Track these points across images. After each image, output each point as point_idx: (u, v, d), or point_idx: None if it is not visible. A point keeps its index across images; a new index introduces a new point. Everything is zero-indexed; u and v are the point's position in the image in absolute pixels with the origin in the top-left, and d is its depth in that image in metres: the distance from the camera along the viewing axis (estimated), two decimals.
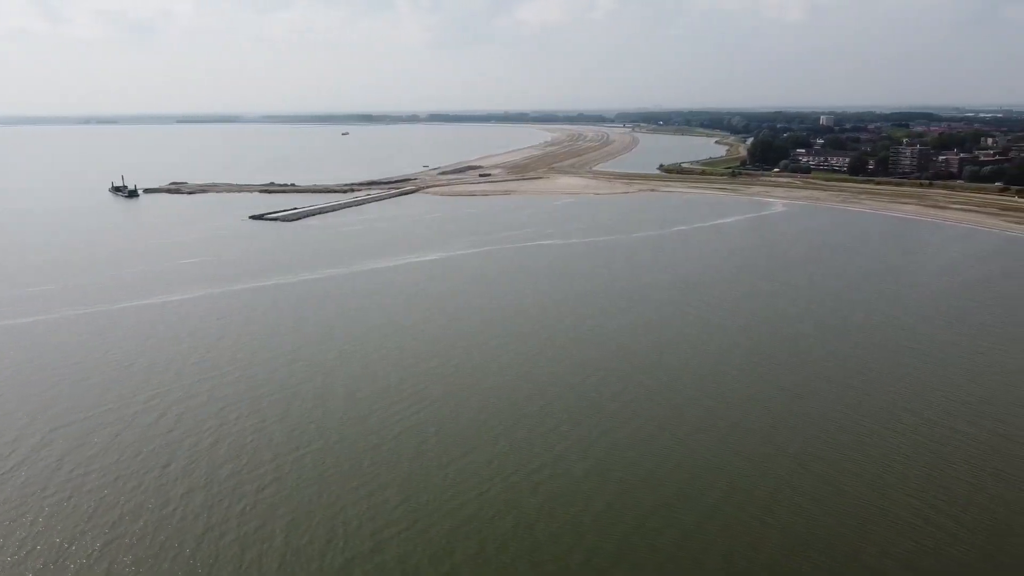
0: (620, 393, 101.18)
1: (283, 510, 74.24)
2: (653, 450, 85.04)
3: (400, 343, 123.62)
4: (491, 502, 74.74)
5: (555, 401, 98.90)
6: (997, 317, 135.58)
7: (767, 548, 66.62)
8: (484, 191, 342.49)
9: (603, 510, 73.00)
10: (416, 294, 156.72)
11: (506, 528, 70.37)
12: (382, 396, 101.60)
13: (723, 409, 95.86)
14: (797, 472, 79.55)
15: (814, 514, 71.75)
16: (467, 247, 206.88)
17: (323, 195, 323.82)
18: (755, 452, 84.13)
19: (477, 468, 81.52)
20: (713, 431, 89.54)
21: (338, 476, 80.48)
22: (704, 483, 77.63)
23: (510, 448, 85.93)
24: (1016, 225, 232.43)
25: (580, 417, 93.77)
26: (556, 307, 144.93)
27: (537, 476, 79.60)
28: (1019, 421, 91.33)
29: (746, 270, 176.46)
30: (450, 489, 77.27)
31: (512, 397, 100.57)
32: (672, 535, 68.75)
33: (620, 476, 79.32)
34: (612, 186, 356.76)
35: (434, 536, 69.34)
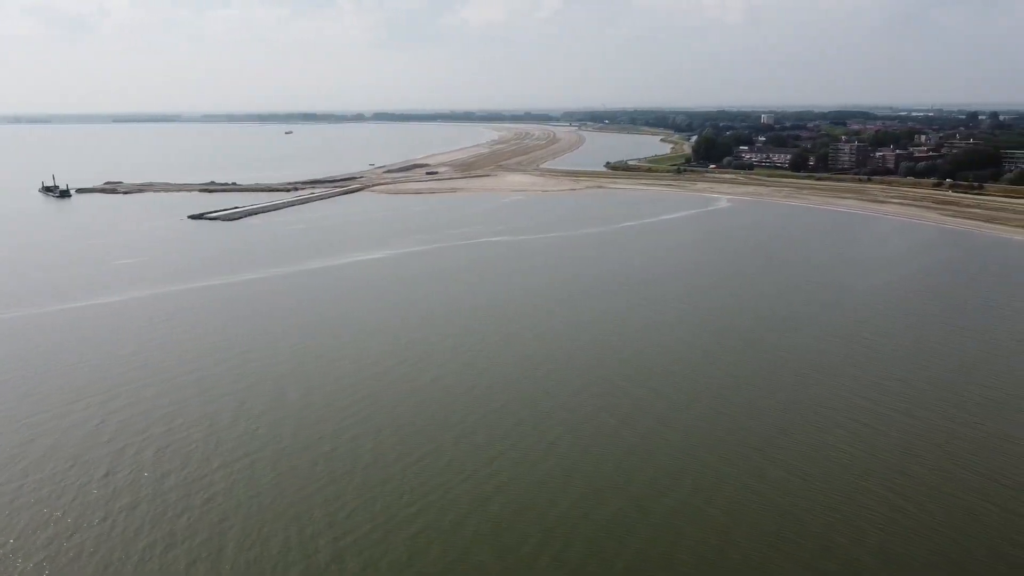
0: (580, 390, 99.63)
1: (234, 520, 70.48)
2: (618, 446, 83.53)
3: (352, 342, 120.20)
4: (454, 505, 72.15)
5: (515, 399, 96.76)
6: (941, 307, 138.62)
7: (739, 542, 65.57)
8: (431, 189, 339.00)
9: (570, 509, 71.10)
10: (365, 292, 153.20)
11: (471, 531, 67.95)
12: (337, 397, 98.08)
13: (684, 403, 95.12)
14: (763, 465, 78.99)
15: (783, 506, 71.06)
16: (416, 245, 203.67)
17: (265, 194, 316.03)
18: (720, 446, 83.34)
19: (439, 470, 78.79)
20: (676, 425, 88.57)
21: (293, 483, 76.87)
22: (671, 478, 76.37)
23: (472, 448, 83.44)
24: (951, 218, 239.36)
25: (542, 415, 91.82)
26: (509, 303, 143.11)
27: (501, 477, 77.31)
28: (971, 407, 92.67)
29: (696, 264, 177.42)
30: (411, 493, 74.41)
31: (471, 396, 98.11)
32: (642, 532, 67.26)
33: (586, 474, 77.56)
34: (560, 183, 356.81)
35: (396, 542, 66.49)
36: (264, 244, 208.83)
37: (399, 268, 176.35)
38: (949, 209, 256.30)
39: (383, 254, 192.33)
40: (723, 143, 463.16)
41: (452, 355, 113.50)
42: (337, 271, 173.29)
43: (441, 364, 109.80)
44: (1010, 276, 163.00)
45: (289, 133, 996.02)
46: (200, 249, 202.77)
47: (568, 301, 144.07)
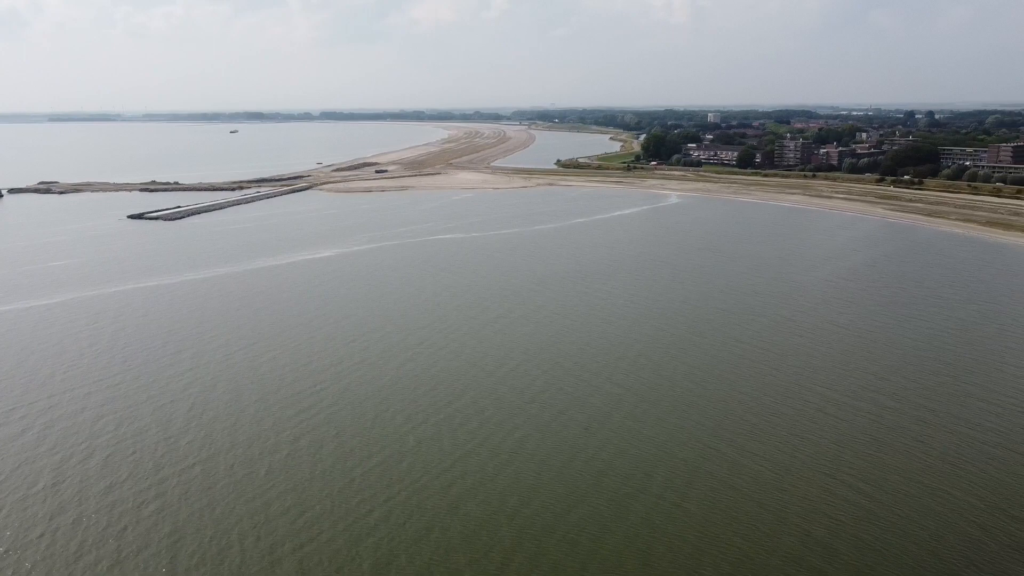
0: (527, 386, 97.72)
1: (167, 527, 66.65)
2: (565, 442, 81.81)
3: (294, 342, 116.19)
4: (400, 506, 69.44)
5: (461, 397, 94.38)
6: (886, 297, 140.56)
7: (687, 537, 64.34)
8: (381, 187, 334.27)
9: (518, 507, 69.04)
10: (311, 291, 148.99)
11: (416, 532, 65.32)
12: (275, 398, 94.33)
13: (630, 397, 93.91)
14: (710, 458, 78.08)
15: (731, 500, 70.09)
16: (365, 243, 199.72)
17: (210, 193, 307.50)
18: (666, 440, 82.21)
19: (383, 470, 75.99)
20: (622, 420, 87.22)
21: (229, 487, 73.30)
22: (619, 475, 74.82)
23: (416, 447, 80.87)
24: (894, 212, 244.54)
25: (487, 412, 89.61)
26: (457, 300, 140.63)
27: (447, 476, 74.95)
28: (915, 397, 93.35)
29: (650, 259, 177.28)
30: (354, 495, 71.51)
31: (415, 394, 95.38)
32: (591, 530, 65.37)
33: (534, 471, 75.61)
34: (511, 181, 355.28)
35: (338, 546, 63.59)
36: (208, 243, 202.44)
37: (349, 266, 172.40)
38: (892, 204, 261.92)
39: (333, 252, 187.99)
40: (672, 141, 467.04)
41: (410, 354, 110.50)
42: (285, 270, 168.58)
43: (400, 364, 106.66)
44: (952, 267, 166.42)
45: (234, 132, 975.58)
46: (140, 249, 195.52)
47: (526, 297, 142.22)
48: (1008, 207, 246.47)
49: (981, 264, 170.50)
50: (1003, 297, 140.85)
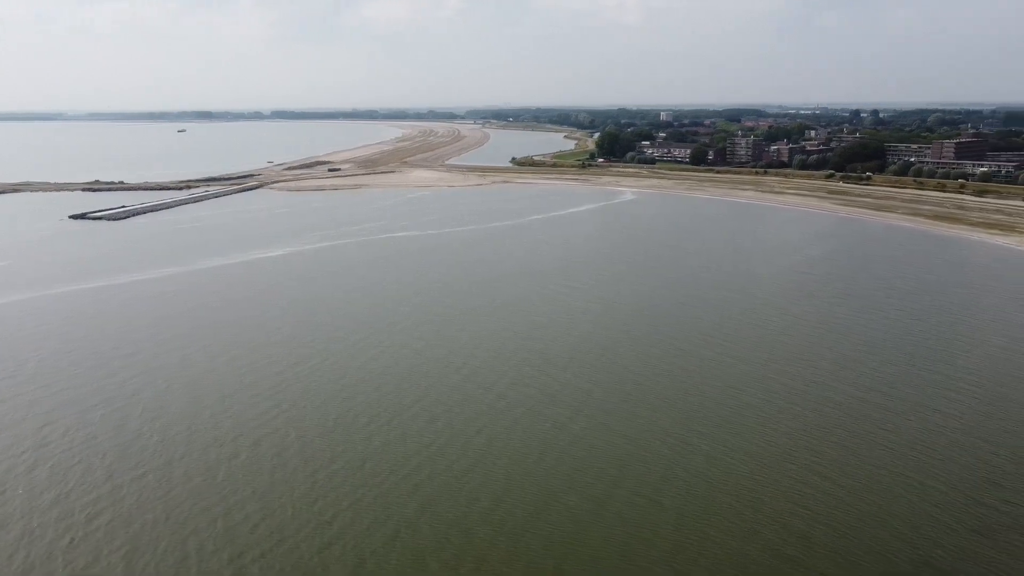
0: (494, 384, 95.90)
1: (122, 538, 63.12)
2: (535, 440, 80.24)
3: (251, 343, 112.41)
4: (367, 509, 67.02)
5: (426, 396, 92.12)
6: (843, 290, 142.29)
7: (665, 532, 63.44)
8: (334, 185, 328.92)
9: (491, 508, 67.27)
10: (266, 291, 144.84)
11: (385, 536, 63.01)
12: (233, 400, 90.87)
13: (600, 392, 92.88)
14: (683, 452, 77.38)
15: (707, 493, 69.45)
16: (319, 241, 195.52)
17: (156, 192, 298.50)
18: (638, 434, 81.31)
19: (348, 473, 73.44)
20: (592, 416, 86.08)
21: (187, 494, 69.96)
22: (592, 471, 73.54)
23: (383, 448, 78.44)
24: (843, 207, 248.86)
25: (455, 411, 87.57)
26: (417, 298, 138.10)
27: (415, 477, 72.70)
28: (878, 386, 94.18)
29: (605, 255, 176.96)
30: (319, 499, 68.81)
31: (378, 394, 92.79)
32: (566, 528, 63.98)
33: (504, 470, 73.86)
34: (466, 178, 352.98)
35: (303, 554, 60.86)
36: (156, 243, 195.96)
37: (304, 265, 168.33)
38: (841, 198, 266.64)
39: (286, 251, 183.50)
40: (626, 139, 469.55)
41: (372, 354, 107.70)
42: (234, 269, 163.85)
43: (362, 364, 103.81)
44: (903, 260, 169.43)
45: (182, 131, 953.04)
46: (82, 249, 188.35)
47: (487, 295, 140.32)
48: (952, 201, 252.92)
49: (930, 256, 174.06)
50: (953, 288, 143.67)
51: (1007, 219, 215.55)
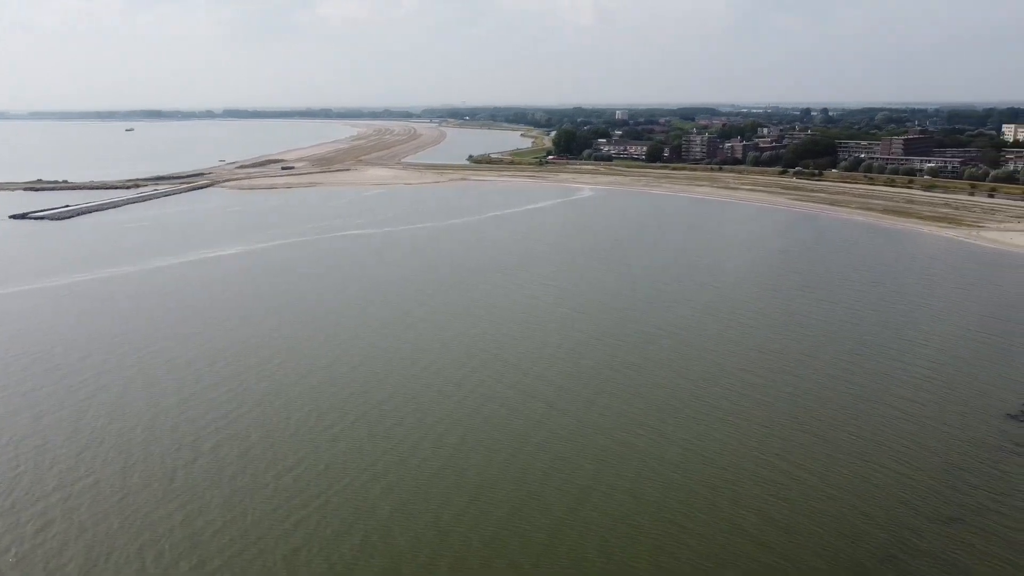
0: (461, 382, 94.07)
1: (74, 550, 59.77)
2: (507, 438, 78.67)
3: (207, 344, 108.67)
4: (335, 512, 64.65)
5: (395, 395, 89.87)
6: (800, 282, 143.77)
7: (644, 527, 62.45)
8: (288, 183, 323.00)
9: (464, 507, 65.51)
10: (218, 291, 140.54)
11: (356, 540, 60.80)
12: (192, 403, 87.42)
13: (571, 387, 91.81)
14: (659, 444, 76.62)
15: (685, 484, 68.81)
16: (271, 239, 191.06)
17: (102, 192, 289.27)
18: (612, 428, 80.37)
19: (315, 475, 70.90)
20: (564, 412, 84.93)
21: (146, 501, 66.71)
22: (568, 467, 72.29)
23: (351, 449, 76.04)
24: (798, 201, 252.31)
25: (423, 411, 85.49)
26: (379, 296, 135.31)
27: (386, 478, 70.41)
28: (838, 375, 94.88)
29: (565, 251, 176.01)
30: (285, 503, 66.12)
31: (345, 394, 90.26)
32: (545, 526, 62.58)
33: (477, 469, 72.15)
34: (423, 176, 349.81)
35: (269, 561, 58.24)
36: (101, 243, 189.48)
37: (257, 264, 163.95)
38: (796, 194, 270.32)
39: (238, 250, 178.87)
40: (582, 136, 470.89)
41: (323, 353, 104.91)
42: (185, 269, 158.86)
43: (325, 364, 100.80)
44: (857, 252, 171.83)
45: (130, 131, 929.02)
46: (21, 250, 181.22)
47: (448, 293, 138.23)
48: (902, 196, 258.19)
49: (883, 248, 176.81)
50: (906, 278, 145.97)
51: (954, 212, 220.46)
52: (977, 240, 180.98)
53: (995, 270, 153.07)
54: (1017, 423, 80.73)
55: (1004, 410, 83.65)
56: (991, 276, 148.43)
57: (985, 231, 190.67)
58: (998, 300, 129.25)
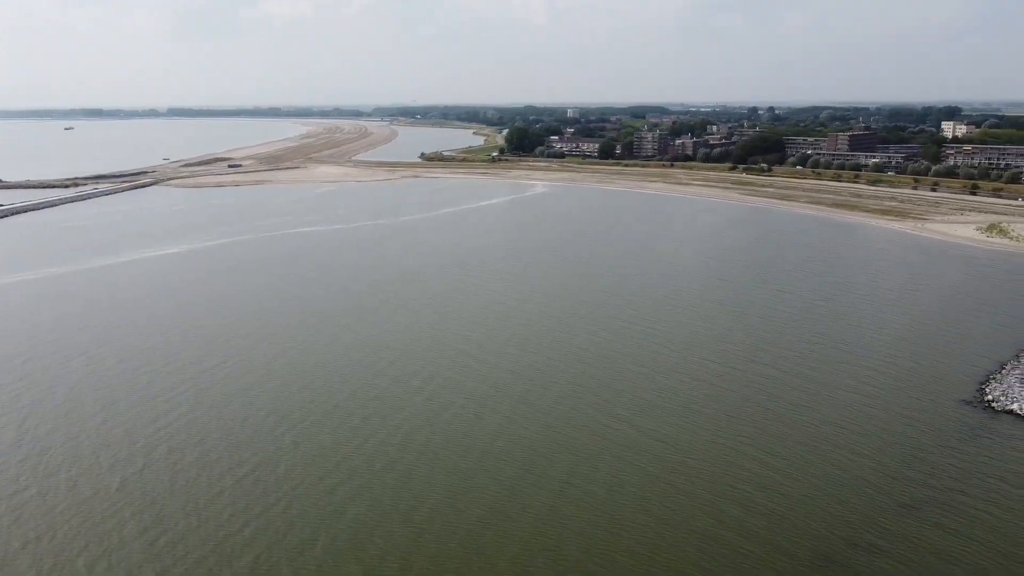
0: (410, 377, 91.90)
1: (21, 565, 56.20)
2: (456, 434, 76.79)
3: (140, 345, 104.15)
4: (301, 517, 61.89)
5: (338, 392, 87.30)
6: (756, 274, 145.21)
7: (625, 520, 61.30)
8: (235, 181, 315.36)
9: (412, 506, 63.35)
10: (160, 290, 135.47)
11: (324, 546, 58.25)
12: (123, 405, 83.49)
13: (519, 383, 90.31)
14: (611, 439, 75.54)
15: (638, 481, 67.54)
16: (219, 238, 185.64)
17: (38, 191, 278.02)
18: (563, 424, 79.05)
19: (278, 479, 68.06)
20: (513, 407, 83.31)
21: (97, 511, 63.10)
22: (518, 464, 70.48)
23: (294, 450, 73.24)
24: (749, 196, 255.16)
25: (369, 407, 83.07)
26: (325, 293, 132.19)
27: (353, 480, 67.89)
28: (796, 366, 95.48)
29: (520, 246, 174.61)
30: (247, 509, 63.22)
31: (287, 392, 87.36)
32: (495, 525, 60.85)
33: (425, 466, 70.02)
34: (374, 174, 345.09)
35: (232, 572, 55.43)
36: (34, 244, 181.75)
37: (200, 263, 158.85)
38: (746, 189, 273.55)
39: (182, 248, 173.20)
40: (535, 134, 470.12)
41: (275, 351, 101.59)
42: (125, 269, 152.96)
43: (268, 361, 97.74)
44: (808, 245, 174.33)
45: (70, 129, 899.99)
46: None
47: (400, 288, 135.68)
48: (849, 190, 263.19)
49: (834, 241, 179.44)
50: (858, 269, 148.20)
51: (900, 206, 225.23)
52: (923, 232, 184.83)
53: (941, 260, 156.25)
54: (971, 408, 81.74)
55: (959, 396, 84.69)
56: (938, 266, 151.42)
57: (930, 223, 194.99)
58: (946, 289, 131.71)
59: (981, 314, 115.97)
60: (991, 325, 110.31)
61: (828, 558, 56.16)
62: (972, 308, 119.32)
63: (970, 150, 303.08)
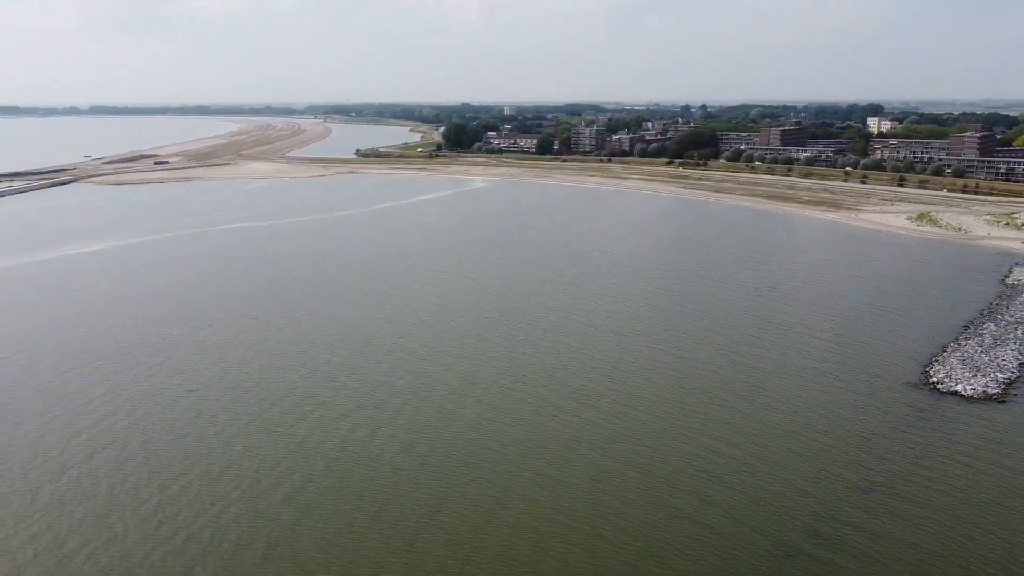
0: (366, 373, 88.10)
1: None
2: (422, 429, 73.54)
3: (73, 345, 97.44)
4: (233, 523, 57.62)
5: (292, 392, 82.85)
6: (699, 263, 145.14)
7: (579, 516, 58.66)
8: (161, 178, 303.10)
9: (381, 505, 60.01)
10: (82, 288, 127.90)
11: (259, 553, 54.11)
12: (58, 410, 77.33)
13: (484, 373, 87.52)
14: (581, 428, 73.42)
15: (614, 469, 65.65)
16: (144, 235, 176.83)
17: None
18: (532, 415, 76.51)
19: (207, 483, 63.42)
20: (479, 399, 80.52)
21: (4, 522, 57.46)
22: (490, 457, 67.86)
23: (246, 452, 68.79)
24: (686, 190, 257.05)
25: (327, 405, 79.15)
26: (265, 289, 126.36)
27: (289, 482, 63.69)
28: (747, 349, 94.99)
29: (460, 239, 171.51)
30: (173, 517, 58.47)
31: (237, 391, 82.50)
32: (472, 520, 58.10)
33: (391, 463, 66.68)
34: (308, 170, 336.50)
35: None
36: None
37: (123, 261, 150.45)
38: (683, 182, 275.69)
39: (104, 246, 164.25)
40: (472, 131, 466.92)
41: (201, 350, 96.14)
42: (43, 267, 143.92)
43: (190, 360, 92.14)
44: (747, 235, 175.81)
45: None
46: None
47: (332, 281, 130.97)
48: (783, 183, 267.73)
49: (773, 231, 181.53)
50: (798, 258, 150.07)
51: (833, 197, 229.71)
52: (857, 222, 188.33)
53: (877, 248, 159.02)
54: (917, 390, 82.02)
55: (904, 379, 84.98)
56: (874, 253, 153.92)
57: (863, 213, 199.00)
58: (884, 275, 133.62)
59: (919, 298, 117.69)
60: (929, 309, 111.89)
61: (791, 547, 54.63)
62: (910, 293, 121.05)
63: (896, 144, 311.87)
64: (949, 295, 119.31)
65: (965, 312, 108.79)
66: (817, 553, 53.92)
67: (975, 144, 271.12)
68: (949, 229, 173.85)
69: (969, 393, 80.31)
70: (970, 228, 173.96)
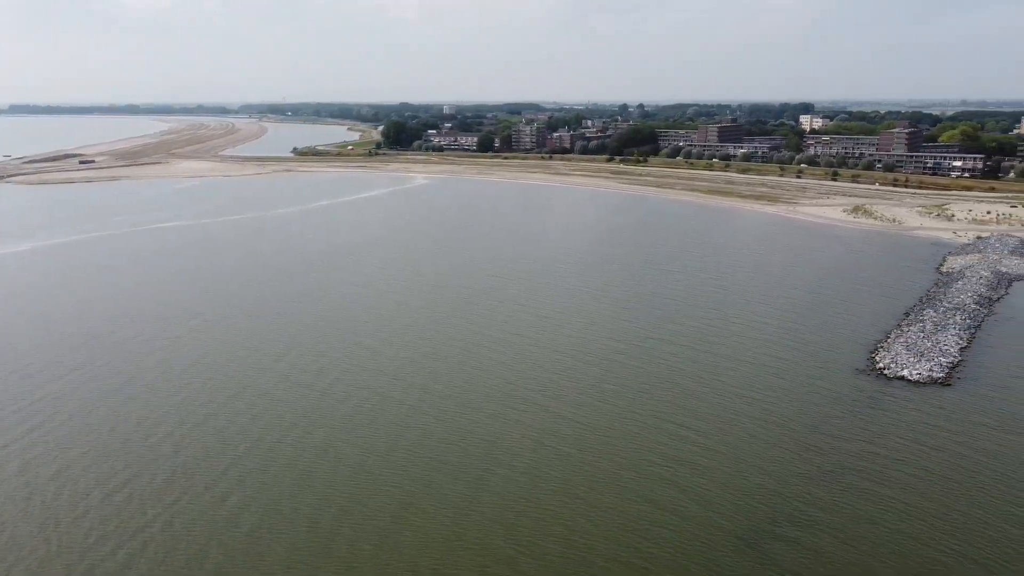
0: (321, 371, 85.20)
1: None
2: (385, 425, 71.11)
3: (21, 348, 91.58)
4: (186, 531, 54.52)
5: (243, 392, 79.49)
6: (645, 257, 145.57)
7: (551, 507, 57.33)
8: (87, 178, 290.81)
9: (347, 507, 57.53)
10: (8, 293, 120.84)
11: (216, 563, 51.20)
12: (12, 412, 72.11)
13: (444, 368, 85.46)
14: (548, 420, 72.20)
15: (585, 459, 64.62)
16: (70, 235, 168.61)
17: None
18: (498, 409, 74.95)
19: (155, 490, 59.84)
20: (444, 395, 78.52)
21: None
22: (460, 451, 66.07)
23: (199, 456, 65.16)
24: (628, 185, 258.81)
25: (282, 405, 76.02)
26: (203, 288, 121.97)
27: (245, 485, 60.62)
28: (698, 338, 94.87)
29: (402, 237, 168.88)
30: (117, 529, 54.95)
31: (184, 394, 78.50)
32: (442, 517, 56.16)
33: (353, 463, 64.14)
34: (244, 168, 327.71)
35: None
36: None
37: (48, 263, 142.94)
38: (625, 178, 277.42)
39: (25, 247, 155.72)
40: (412, 129, 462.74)
41: (143, 351, 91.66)
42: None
43: (134, 363, 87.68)
44: (690, 228, 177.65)
45: None
46: None
47: (275, 279, 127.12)
48: (722, 178, 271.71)
49: (715, 225, 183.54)
50: (742, 250, 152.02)
51: (771, 191, 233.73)
52: (795, 215, 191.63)
53: (816, 239, 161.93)
54: (866, 376, 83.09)
55: (852, 364, 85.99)
56: (814, 244, 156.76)
57: (801, 206, 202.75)
58: (824, 265, 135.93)
59: (860, 287, 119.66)
60: (870, 296, 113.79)
61: (760, 529, 54.74)
62: (851, 281, 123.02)
63: (828, 140, 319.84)
64: (888, 283, 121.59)
65: (905, 299, 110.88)
66: (785, 533, 54.04)
67: (904, 140, 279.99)
68: (884, 220, 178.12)
69: (915, 378, 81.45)
70: (903, 219, 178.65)
